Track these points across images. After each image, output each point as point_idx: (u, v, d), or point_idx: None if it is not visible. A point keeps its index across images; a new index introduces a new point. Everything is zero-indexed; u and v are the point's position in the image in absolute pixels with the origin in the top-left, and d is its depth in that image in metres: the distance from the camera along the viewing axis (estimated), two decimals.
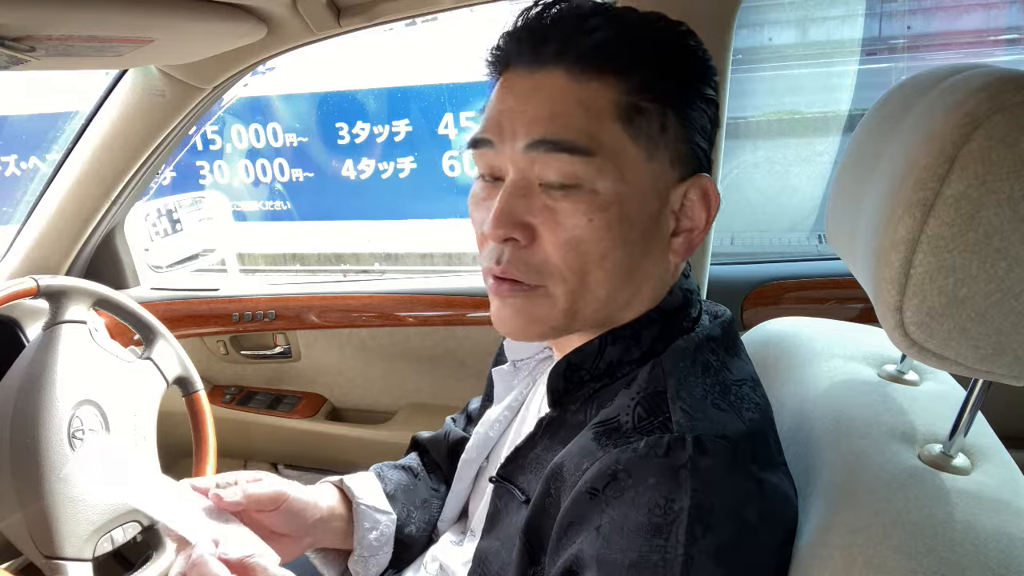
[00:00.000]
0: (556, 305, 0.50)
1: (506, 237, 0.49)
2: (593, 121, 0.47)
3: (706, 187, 0.51)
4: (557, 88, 0.47)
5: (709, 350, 0.52)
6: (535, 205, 0.48)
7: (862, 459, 0.49)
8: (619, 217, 0.48)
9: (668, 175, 0.50)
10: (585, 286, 0.50)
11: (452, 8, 1.01)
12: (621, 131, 0.48)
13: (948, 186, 0.37)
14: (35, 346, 0.93)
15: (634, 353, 0.53)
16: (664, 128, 0.49)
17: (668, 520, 0.41)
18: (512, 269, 0.49)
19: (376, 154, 4.15)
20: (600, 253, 0.49)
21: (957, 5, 4.39)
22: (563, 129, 0.47)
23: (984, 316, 0.38)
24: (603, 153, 0.47)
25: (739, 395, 0.49)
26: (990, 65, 0.42)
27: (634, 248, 0.50)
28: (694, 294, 0.55)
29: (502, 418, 0.67)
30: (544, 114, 0.47)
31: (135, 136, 1.19)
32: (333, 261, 4.58)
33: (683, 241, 0.52)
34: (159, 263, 1.49)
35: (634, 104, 0.48)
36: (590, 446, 0.48)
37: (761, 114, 4.13)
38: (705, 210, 0.51)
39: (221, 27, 0.90)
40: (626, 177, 0.48)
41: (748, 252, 3.38)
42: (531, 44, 0.48)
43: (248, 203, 4.44)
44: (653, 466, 0.43)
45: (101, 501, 0.89)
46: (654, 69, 0.48)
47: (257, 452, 1.42)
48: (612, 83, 0.47)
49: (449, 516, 0.71)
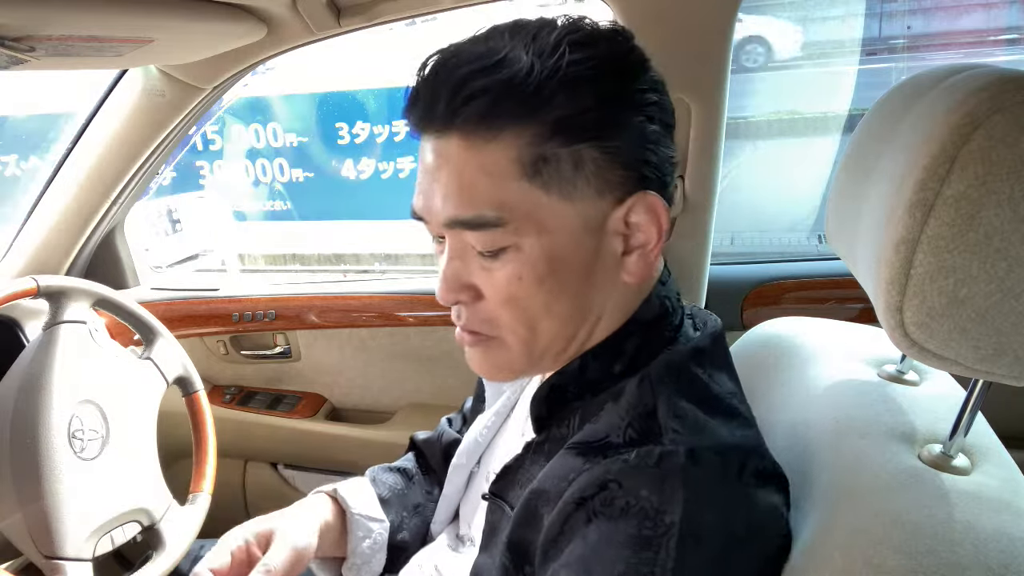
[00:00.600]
0: (513, 353, 0.52)
1: (454, 301, 0.51)
2: (498, 187, 0.46)
3: (651, 203, 0.49)
4: (459, 158, 0.47)
5: (697, 363, 0.51)
6: (473, 267, 0.50)
7: (862, 459, 0.49)
8: (549, 269, 0.48)
9: (598, 206, 0.48)
10: (536, 335, 0.51)
11: (452, 8, 1.01)
12: (528, 186, 0.46)
13: (948, 186, 0.37)
14: (35, 346, 0.93)
15: (617, 367, 0.52)
16: (579, 166, 0.47)
17: (659, 533, 0.41)
18: (470, 325, 0.52)
19: (376, 154, 4.15)
20: (540, 305, 0.49)
21: (957, 5, 4.39)
22: (470, 205, 0.47)
23: (984, 316, 0.38)
24: (515, 216, 0.47)
25: (728, 409, 0.49)
26: (990, 65, 0.41)
27: (577, 288, 0.50)
28: (673, 300, 0.54)
29: (491, 423, 0.67)
30: (452, 190, 0.47)
31: (135, 136, 1.19)
32: (333, 261, 4.58)
33: (636, 259, 0.50)
34: (159, 263, 1.49)
35: (538, 155, 0.46)
36: (574, 462, 0.47)
37: (761, 114, 4.14)
38: (656, 224, 0.49)
39: (221, 27, 0.90)
40: (546, 228, 0.47)
41: (748, 252, 3.38)
42: (424, 111, 0.47)
43: (248, 203, 4.44)
44: (644, 476, 0.43)
45: (101, 501, 0.89)
46: (553, 112, 0.45)
47: (257, 452, 1.42)
48: (510, 140, 0.46)
49: (441, 519, 0.71)
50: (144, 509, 0.94)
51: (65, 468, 0.87)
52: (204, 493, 1.03)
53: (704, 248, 1.06)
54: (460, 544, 0.67)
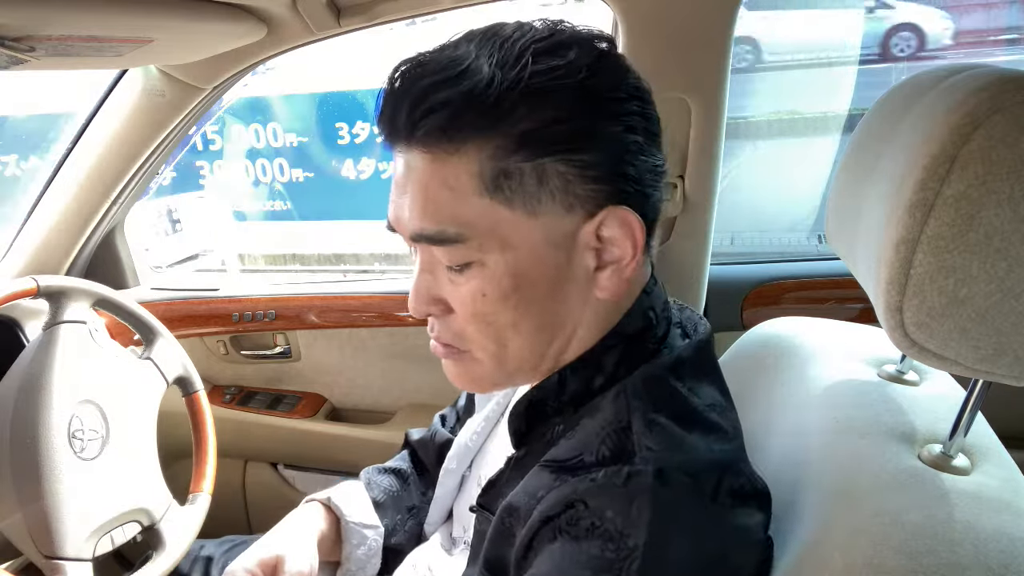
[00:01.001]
0: (485, 367, 0.51)
1: (425, 314, 0.51)
2: (459, 202, 0.45)
3: (623, 217, 0.47)
4: (424, 172, 0.46)
5: (676, 376, 0.49)
6: (442, 281, 0.49)
7: (862, 459, 0.49)
8: (514, 285, 0.47)
9: (567, 220, 0.46)
10: (505, 350, 0.50)
11: (452, 8, 1.01)
12: (489, 201, 0.45)
13: (948, 186, 0.37)
14: (35, 346, 0.93)
15: (597, 381, 0.51)
16: (543, 180, 0.45)
17: (621, 556, 0.40)
18: (442, 337, 0.51)
19: (376, 154, 4.15)
20: (506, 321, 0.48)
21: (957, 5, 4.39)
22: (433, 220, 0.46)
23: (984, 316, 0.38)
24: (477, 232, 0.46)
25: (707, 424, 0.48)
26: (990, 65, 0.41)
27: (544, 304, 0.48)
28: (658, 311, 0.52)
29: (480, 429, 0.67)
30: (418, 205, 0.46)
31: (135, 136, 1.19)
32: (333, 261, 4.58)
33: (610, 274, 0.48)
34: (159, 263, 1.49)
35: (499, 169, 0.45)
36: (545, 480, 0.47)
37: (761, 114, 4.13)
38: (631, 239, 0.47)
39: (221, 27, 0.90)
40: (512, 243, 0.46)
41: (748, 252, 3.38)
42: (390, 124, 0.46)
43: (248, 203, 4.44)
44: (610, 496, 0.42)
45: (101, 501, 0.89)
46: (516, 125, 0.44)
47: (257, 452, 1.42)
48: (472, 154, 0.44)
49: (434, 520, 0.71)
50: (144, 509, 0.94)
51: (65, 468, 0.87)
52: (204, 493, 1.03)
53: (704, 248, 1.06)
54: (453, 546, 0.67)
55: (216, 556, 0.97)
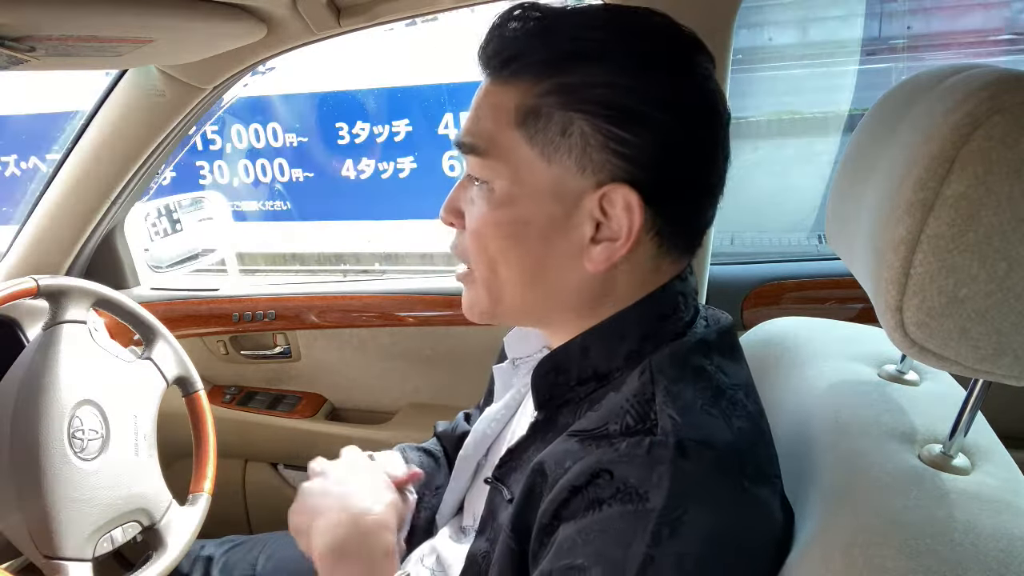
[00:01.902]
0: (479, 290, 0.55)
1: (447, 222, 0.56)
2: (495, 124, 0.50)
3: (628, 199, 0.48)
4: (486, 93, 0.52)
5: (702, 354, 0.51)
6: (466, 196, 0.54)
7: (862, 459, 0.49)
8: (511, 217, 0.51)
9: (576, 180, 0.49)
10: (495, 276, 0.53)
11: (452, 8, 1.01)
12: (517, 134, 0.49)
13: (948, 186, 0.37)
14: (35, 346, 0.93)
15: (620, 353, 0.52)
16: (566, 133, 0.48)
17: (639, 517, 0.41)
18: (456, 251, 0.57)
19: (376, 154, 4.15)
20: (497, 248, 0.52)
21: (957, 5, 4.39)
22: (471, 133, 0.52)
23: (984, 316, 0.38)
24: (496, 154, 0.50)
25: (732, 401, 0.49)
26: (990, 65, 0.41)
27: (533, 248, 0.51)
28: (689, 297, 0.54)
29: (500, 416, 0.68)
30: (470, 118, 0.52)
31: (135, 136, 1.19)
32: (333, 261, 4.58)
33: (602, 251, 0.50)
34: (159, 263, 1.49)
35: (535, 107, 0.49)
36: (573, 447, 0.48)
37: (761, 114, 4.14)
38: (628, 222, 0.49)
39: (221, 27, 0.90)
40: (519, 178, 0.50)
41: (748, 252, 3.38)
42: (477, 55, 0.52)
43: (248, 203, 4.44)
44: (634, 465, 0.43)
45: (101, 501, 0.89)
46: (562, 77, 0.48)
47: (257, 452, 1.42)
48: (523, 87, 0.49)
49: (447, 511, 0.71)
50: (144, 509, 0.94)
51: (65, 468, 0.87)
52: (204, 493, 1.03)
53: (704, 248, 1.06)
54: (462, 535, 0.67)
55: (216, 556, 0.97)
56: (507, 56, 0.49)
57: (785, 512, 0.49)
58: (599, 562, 0.41)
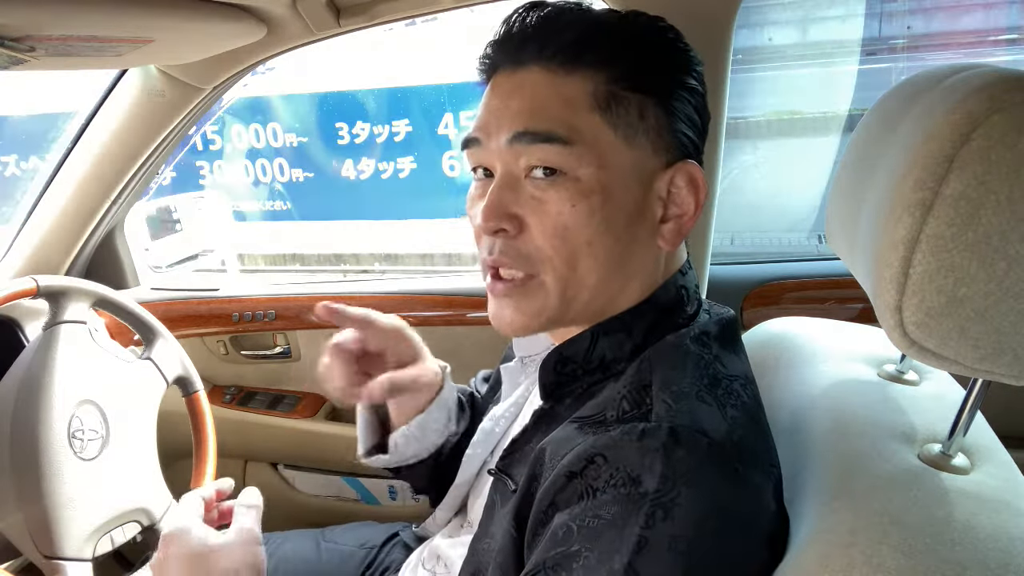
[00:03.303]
0: (549, 294, 0.52)
1: (496, 228, 0.51)
2: (570, 111, 0.49)
3: (692, 173, 0.52)
4: (538, 84, 0.50)
5: (701, 343, 0.51)
6: (522, 196, 0.51)
7: (862, 459, 0.49)
8: (602, 203, 0.50)
9: (651, 161, 0.51)
10: (574, 273, 0.51)
11: (452, 8, 1.01)
12: (599, 119, 0.50)
13: (947, 186, 0.37)
14: (35, 346, 0.93)
15: (626, 347, 0.53)
16: (643, 115, 0.50)
17: (632, 500, 0.42)
18: (503, 258, 0.51)
19: (376, 154, 4.15)
20: (586, 239, 0.50)
21: (957, 5, 4.39)
22: (542, 120, 0.49)
23: (984, 316, 0.38)
24: (581, 141, 0.49)
25: (728, 390, 0.49)
26: (990, 65, 0.41)
27: (620, 234, 0.51)
28: (692, 291, 0.56)
29: (507, 414, 0.68)
30: (525, 108, 0.50)
31: (135, 136, 1.19)
32: (333, 261, 4.59)
33: (672, 227, 0.53)
34: (159, 263, 1.49)
35: (611, 92, 0.50)
36: (572, 434, 0.49)
37: (761, 114, 4.14)
38: (693, 196, 0.52)
39: (221, 27, 0.90)
40: (606, 163, 0.50)
41: (748, 252, 3.38)
42: (512, 47, 0.52)
43: (248, 203, 4.44)
44: (627, 450, 0.44)
45: (101, 501, 0.90)
46: (630, 61, 0.50)
47: (257, 452, 1.42)
48: (589, 75, 0.50)
49: (448, 507, 0.71)
50: (144, 509, 0.94)
51: (65, 468, 0.87)
52: None
53: (704, 248, 1.06)
54: (463, 532, 0.68)
55: None
56: (564, 47, 0.50)
57: (778, 504, 0.49)
58: (593, 547, 0.41)
